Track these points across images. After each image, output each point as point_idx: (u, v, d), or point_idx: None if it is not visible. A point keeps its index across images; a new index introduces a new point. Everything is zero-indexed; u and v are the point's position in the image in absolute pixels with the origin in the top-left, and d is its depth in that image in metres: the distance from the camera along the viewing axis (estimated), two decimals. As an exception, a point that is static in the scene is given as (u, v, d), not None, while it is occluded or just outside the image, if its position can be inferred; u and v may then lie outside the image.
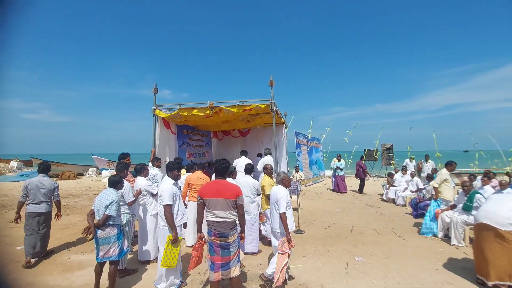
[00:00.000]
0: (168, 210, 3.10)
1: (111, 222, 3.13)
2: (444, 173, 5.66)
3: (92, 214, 3.19)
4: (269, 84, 5.43)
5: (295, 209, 6.48)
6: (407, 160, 11.76)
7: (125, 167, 3.98)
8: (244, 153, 6.90)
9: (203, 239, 3.01)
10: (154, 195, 4.26)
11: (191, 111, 5.58)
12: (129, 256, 4.24)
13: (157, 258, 4.17)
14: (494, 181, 6.60)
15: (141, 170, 4.30)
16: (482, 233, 3.39)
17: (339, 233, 5.61)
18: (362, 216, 7.03)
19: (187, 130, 7.12)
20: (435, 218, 5.35)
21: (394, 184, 9.01)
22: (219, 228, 2.80)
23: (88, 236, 3.17)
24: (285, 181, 3.53)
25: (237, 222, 2.92)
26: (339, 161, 10.98)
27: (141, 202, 4.15)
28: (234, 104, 5.48)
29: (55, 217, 4.46)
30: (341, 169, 10.83)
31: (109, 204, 3.10)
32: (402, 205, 8.11)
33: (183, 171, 5.18)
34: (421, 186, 7.96)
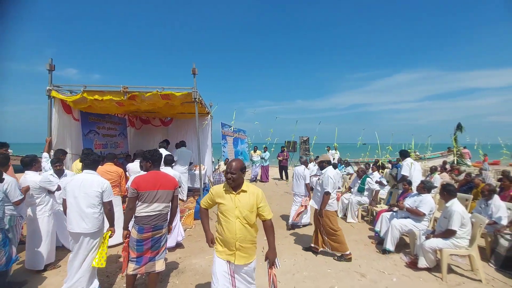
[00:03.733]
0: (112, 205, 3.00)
1: None
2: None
3: None
4: (191, 72, 5.21)
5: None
6: (332, 151, 13.06)
7: None
8: (166, 143, 6.52)
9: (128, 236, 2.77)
10: (52, 192, 3.63)
11: (100, 96, 4.87)
12: (16, 266, 3.50)
13: (53, 264, 3.61)
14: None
15: (31, 163, 3.55)
16: (314, 213, 4.18)
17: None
18: (281, 202, 7.63)
19: (94, 117, 6.18)
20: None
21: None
22: (153, 221, 2.68)
23: None
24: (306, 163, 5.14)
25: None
26: (264, 151, 11.56)
27: (36, 201, 3.46)
28: (152, 91, 5.04)
29: None
30: (266, 160, 11.46)
31: None
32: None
33: (75, 163, 4.44)
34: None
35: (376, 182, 7.02)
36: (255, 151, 11.70)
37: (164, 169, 4.16)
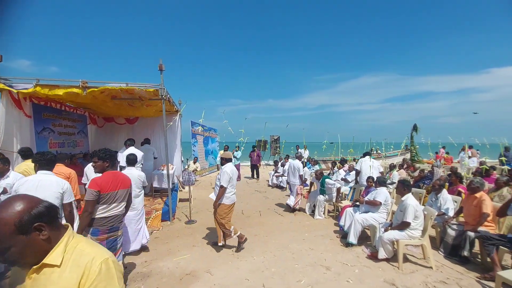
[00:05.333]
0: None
1: None
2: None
3: None
4: (158, 69, 5.02)
5: (186, 200, 6.40)
6: (301, 150, 13.39)
7: None
8: (131, 141, 6.21)
9: None
10: None
11: (55, 90, 4.50)
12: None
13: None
14: (346, 166, 8.56)
15: None
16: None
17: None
18: (251, 201, 7.68)
19: (49, 113, 5.67)
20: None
21: (278, 171, 10.24)
22: (110, 223, 2.61)
23: None
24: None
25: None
26: (237, 150, 11.51)
27: None
28: (115, 86, 4.76)
29: None
30: (238, 159, 11.43)
31: None
32: (284, 188, 9.35)
33: (25, 163, 3.99)
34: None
35: (342, 179, 7.36)
36: (225, 151, 10.53)
37: (128, 169, 3.97)
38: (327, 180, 5.93)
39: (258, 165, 12.00)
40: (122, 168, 4.28)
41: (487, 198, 3.85)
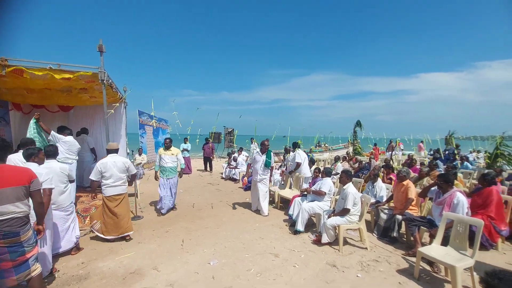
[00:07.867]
0: None
1: None
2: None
3: None
4: (97, 49, 4.50)
5: (132, 195, 5.98)
6: (257, 143, 13.38)
7: None
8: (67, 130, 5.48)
9: None
10: None
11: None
12: None
13: None
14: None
15: None
16: None
17: (179, 212, 5.73)
18: (203, 193, 7.55)
19: (-44, 96, 4.70)
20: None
21: (231, 163, 10.24)
22: (4, 227, 2.18)
23: None
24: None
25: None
26: (185, 143, 11.13)
27: None
28: (44, 66, 4.12)
29: None
30: (188, 151, 11.08)
31: None
32: (238, 180, 9.40)
33: None
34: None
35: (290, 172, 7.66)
36: (167, 148, 5.71)
37: (48, 162, 3.44)
38: (271, 152, 5.97)
39: (211, 157, 11.83)
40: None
41: (412, 186, 4.42)
